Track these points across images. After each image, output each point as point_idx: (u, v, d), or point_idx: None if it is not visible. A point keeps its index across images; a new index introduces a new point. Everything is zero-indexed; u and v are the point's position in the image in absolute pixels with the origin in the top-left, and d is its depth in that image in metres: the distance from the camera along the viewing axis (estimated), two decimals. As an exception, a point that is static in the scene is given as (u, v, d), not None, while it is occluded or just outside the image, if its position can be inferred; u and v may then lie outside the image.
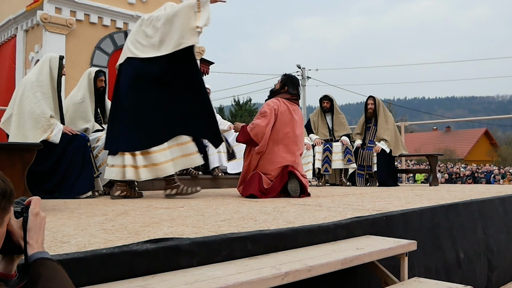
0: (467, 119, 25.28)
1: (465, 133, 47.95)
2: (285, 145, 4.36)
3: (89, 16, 6.74)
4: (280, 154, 4.32)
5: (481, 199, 3.88)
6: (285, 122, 4.36)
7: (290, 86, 4.52)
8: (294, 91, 4.53)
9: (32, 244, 1.13)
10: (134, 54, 4.04)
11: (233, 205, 3.43)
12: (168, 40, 3.96)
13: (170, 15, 3.98)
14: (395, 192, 4.93)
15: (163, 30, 3.98)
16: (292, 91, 4.51)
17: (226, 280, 1.49)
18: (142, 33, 4.10)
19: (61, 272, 1.11)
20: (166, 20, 3.98)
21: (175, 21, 3.96)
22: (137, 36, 4.11)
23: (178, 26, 3.93)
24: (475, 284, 2.25)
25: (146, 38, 4.06)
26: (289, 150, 4.37)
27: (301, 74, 26.03)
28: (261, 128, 4.29)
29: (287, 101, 4.45)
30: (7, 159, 2.87)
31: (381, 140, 6.68)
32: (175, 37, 3.93)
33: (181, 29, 3.93)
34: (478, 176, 20.24)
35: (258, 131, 4.30)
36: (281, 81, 4.58)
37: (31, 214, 1.16)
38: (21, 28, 6.93)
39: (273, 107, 4.35)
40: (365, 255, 2.05)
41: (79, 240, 1.77)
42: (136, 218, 2.50)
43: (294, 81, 4.60)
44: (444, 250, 3.17)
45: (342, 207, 3.20)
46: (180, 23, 3.93)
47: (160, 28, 4.00)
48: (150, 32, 4.05)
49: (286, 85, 4.53)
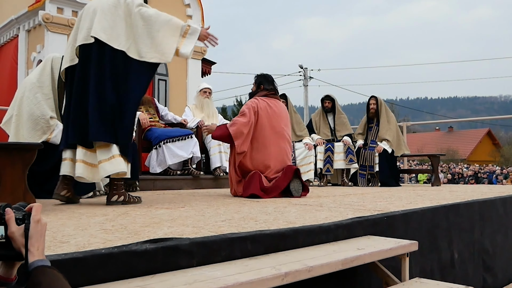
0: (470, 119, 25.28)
1: (467, 133, 47.90)
2: (274, 137, 4.46)
3: (90, 16, 6.74)
4: (271, 147, 4.41)
5: (482, 200, 3.87)
6: (268, 117, 4.46)
7: (265, 83, 4.67)
8: (270, 86, 4.67)
9: (33, 251, 1.13)
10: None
11: (234, 205, 3.42)
12: (135, 45, 3.40)
13: (153, 20, 3.42)
14: (397, 192, 4.92)
15: (138, 31, 3.41)
16: (267, 87, 4.65)
17: (225, 280, 1.48)
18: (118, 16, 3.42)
19: (61, 280, 1.10)
20: (147, 22, 3.41)
21: (154, 30, 3.40)
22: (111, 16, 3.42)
23: (157, 37, 3.40)
24: (468, 285, 2.25)
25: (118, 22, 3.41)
26: (278, 142, 4.48)
27: (303, 74, 26.00)
28: (240, 125, 4.34)
29: (265, 97, 4.58)
30: (8, 159, 2.87)
31: (383, 140, 6.68)
32: (144, 47, 3.38)
33: (157, 43, 3.40)
34: (480, 177, 20.20)
35: (238, 128, 4.34)
36: (256, 82, 4.73)
37: (33, 221, 1.15)
38: (23, 28, 6.94)
39: (251, 105, 4.44)
40: (366, 255, 2.04)
41: (79, 240, 1.76)
42: (137, 218, 2.50)
43: (268, 78, 4.75)
44: (440, 251, 3.16)
45: (343, 207, 3.19)
46: (161, 37, 3.41)
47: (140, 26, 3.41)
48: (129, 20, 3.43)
49: (261, 83, 4.68)
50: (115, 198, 3.44)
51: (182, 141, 5.69)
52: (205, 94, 6.42)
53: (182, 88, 7.71)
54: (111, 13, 3.41)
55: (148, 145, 5.76)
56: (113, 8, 3.42)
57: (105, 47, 3.35)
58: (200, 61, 8.08)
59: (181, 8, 7.82)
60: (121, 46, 3.36)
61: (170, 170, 5.79)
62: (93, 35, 3.35)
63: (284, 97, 6.78)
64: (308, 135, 6.66)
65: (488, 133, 45.33)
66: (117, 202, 3.43)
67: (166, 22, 3.45)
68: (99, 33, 3.35)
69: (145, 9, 3.46)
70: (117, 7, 3.42)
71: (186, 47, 3.49)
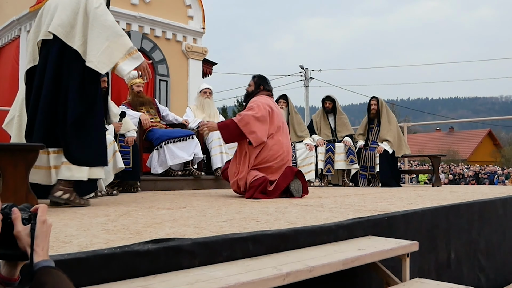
0: (471, 120, 25.25)
1: (468, 133, 47.86)
2: (285, 133, 4.59)
3: (92, 17, 6.76)
4: (279, 144, 4.43)
5: (482, 200, 3.87)
6: (276, 115, 4.52)
7: (264, 84, 4.73)
8: (270, 87, 4.77)
9: (38, 251, 1.14)
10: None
11: (235, 205, 3.43)
12: (84, 46, 3.28)
13: (106, 27, 3.28)
14: (398, 193, 4.93)
15: (92, 33, 3.27)
16: (268, 87, 4.73)
17: (227, 281, 1.49)
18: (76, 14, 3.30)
19: (65, 281, 1.11)
20: (101, 26, 3.27)
21: (104, 37, 3.26)
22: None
23: (103, 45, 3.24)
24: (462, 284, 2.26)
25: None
26: (288, 138, 4.63)
27: (304, 74, 25.99)
28: (249, 117, 4.31)
29: (268, 97, 4.64)
30: (10, 159, 2.88)
31: (383, 141, 6.68)
32: (91, 50, 3.23)
33: (101, 49, 3.23)
34: (481, 177, 20.19)
35: (248, 120, 4.30)
36: (255, 82, 4.74)
37: (39, 222, 1.17)
38: (24, 29, 6.95)
39: (260, 101, 4.45)
40: (367, 255, 2.05)
41: (81, 240, 1.77)
42: (138, 219, 2.51)
43: (266, 79, 4.82)
44: (438, 251, 3.17)
45: (344, 207, 3.20)
46: (107, 46, 3.25)
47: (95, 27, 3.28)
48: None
49: (261, 84, 4.72)
50: (59, 194, 3.25)
51: (183, 141, 5.70)
52: (205, 94, 6.44)
53: (183, 89, 7.72)
54: (72, 8, 3.31)
55: (149, 146, 5.78)
56: (74, 3, 3.32)
57: (64, 45, 3.26)
58: (201, 62, 8.10)
59: (183, 9, 7.83)
60: (75, 45, 3.26)
61: (171, 170, 5.81)
62: (51, 31, 3.25)
63: (284, 98, 6.80)
64: (309, 136, 6.67)
65: (489, 133, 45.29)
66: (60, 199, 3.24)
67: (118, 35, 3.32)
68: (57, 28, 3.25)
69: (103, 13, 3.31)
70: (79, 2, 3.31)
71: (126, 66, 3.33)
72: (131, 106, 5.78)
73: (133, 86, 5.87)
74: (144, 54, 7.15)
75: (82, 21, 3.29)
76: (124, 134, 5.07)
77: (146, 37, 7.23)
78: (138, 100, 5.87)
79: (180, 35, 7.75)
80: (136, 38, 7.05)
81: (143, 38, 7.16)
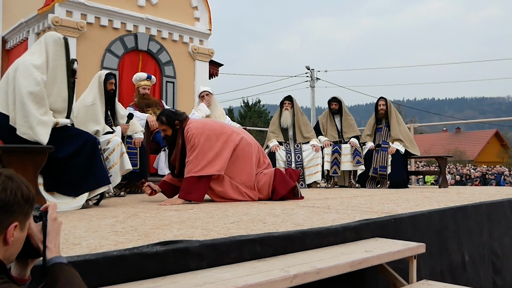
0: (477, 121, 25.08)
1: (475, 134, 47.61)
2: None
3: (99, 19, 6.78)
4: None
5: (490, 202, 3.86)
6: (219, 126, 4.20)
7: (175, 116, 4.12)
8: (181, 113, 4.20)
9: (51, 247, 1.17)
10: None
11: (242, 207, 3.44)
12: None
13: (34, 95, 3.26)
14: (404, 194, 4.91)
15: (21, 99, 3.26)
16: (181, 115, 4.15)
17: (235, 282, 1.50)
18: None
19: (78, 278, 1.14)
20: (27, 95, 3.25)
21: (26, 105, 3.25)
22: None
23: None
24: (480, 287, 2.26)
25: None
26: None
27: (310, 75, 25.97)
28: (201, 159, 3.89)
29: (194, 121, 4.19)
30: (19, 161, 2.91)
31: (395, 141, 6.62)
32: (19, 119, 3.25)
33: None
34: (488, 178, 20.06)
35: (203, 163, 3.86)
36: (168, 123, 4.10)
37: (50, 219, 1.20)
38: (32, 31, 7.00)
39: (195, 133, 3.98)
40: (374, 257, 2.05)
41: (90, 242, 1.79)
42: (146, 220, 2.53)
43: (170, 110, 4.34)
44: (450, 253, 3.16)
45: (351, 209, 3.20)
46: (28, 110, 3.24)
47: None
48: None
49: (174, 119, 4.09)
50: None
51: (190, 143, 5.70)
52: (203, 99, 6.22)
53: (190, 90, 7.74)
54: (7, 73, 3.37)
55: (157, 147, 5.80)
56: (12, 71, 3.34)
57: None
58: (207, 63, 8.11)
59: (189, 11, 7.86)
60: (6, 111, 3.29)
61: (178, 171, 5.81)
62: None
63: (290, 99, 6.79)
64: (315, 137, 6.66)
65: (496, 134, 45.05)
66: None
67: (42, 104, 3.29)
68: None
69: (33, 83, 3.27)
70: (16, 70, 3.32)
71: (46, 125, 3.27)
72: (138, 107, 5.80)
73: (139, 88, 5.89)
74: (151, 56, 7.21)
75: (13, 89, 3.30)
76: (132, 135, 5.09)
77: (153, 39, 7.26)
78: (144, 102, 5.89)
79: (187, 36, 7.77)
80: (143, 40, 7.08)
81: (150, 40, 7.19)
